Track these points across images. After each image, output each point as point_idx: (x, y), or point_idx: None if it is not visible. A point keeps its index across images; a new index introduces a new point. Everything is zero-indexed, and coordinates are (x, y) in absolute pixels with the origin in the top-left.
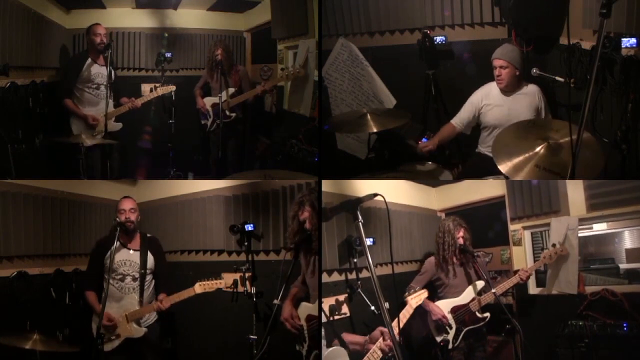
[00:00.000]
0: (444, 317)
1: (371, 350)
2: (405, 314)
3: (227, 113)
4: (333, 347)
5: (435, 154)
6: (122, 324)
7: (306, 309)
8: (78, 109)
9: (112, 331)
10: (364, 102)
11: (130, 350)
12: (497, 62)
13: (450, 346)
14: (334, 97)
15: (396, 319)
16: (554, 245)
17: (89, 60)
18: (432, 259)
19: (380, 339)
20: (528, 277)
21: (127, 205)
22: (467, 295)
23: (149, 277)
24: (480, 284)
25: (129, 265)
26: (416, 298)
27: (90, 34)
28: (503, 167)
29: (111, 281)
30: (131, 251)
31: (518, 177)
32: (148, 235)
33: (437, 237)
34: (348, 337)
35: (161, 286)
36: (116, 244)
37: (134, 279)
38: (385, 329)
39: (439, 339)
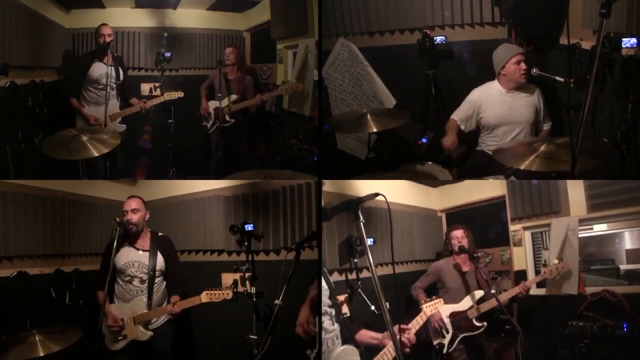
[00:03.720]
0: (441, 320)
1: (388, 346)
2: (419, 321)
3: (227, 118)
4: (345, 346)
5: (436, 154)
6: (129, 325)
7: None
8: (82, 108)
9: (119, 332)
10: (364, 102)
11: (135, 352)
12: (520, 57)
13: (445, 350)
14: (334, 97)
15: (398, 324)
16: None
17: (96, 60)
18: (439, 262)
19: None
20: (527, 291)
21: (129, 205)
22: (467, 302)
23: (158, 279)
24: (479, 293)
25: (137, 266)
26: (431, 306)
27: (96, 34)
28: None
29: (120, 282)
30: (140, 252)
31: (520, 165)
32: (160, 234)
33: (445, 244)
34: (367, 332)
35: (173, 288)
36: (116, 244)
37: (142, 281)
38: (403, 326)
39: (435, 342)
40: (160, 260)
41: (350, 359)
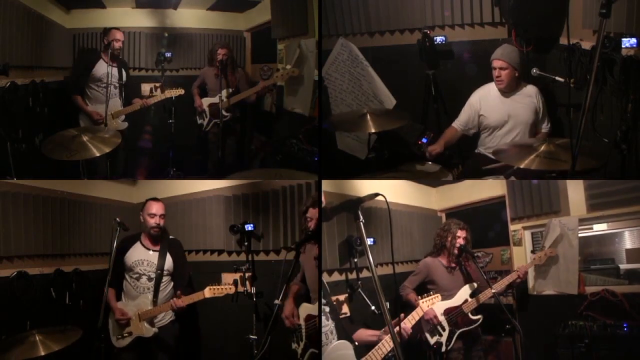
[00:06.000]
0: (436, 317)
1: (384, 339)
2: (415, 316)
3: (224, 113)
4: (339, 341)
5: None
6: (134, 322)
7: (306, 309)
8: (85, 105)
9: (124, 327)
10: (364, 102)
11: (141, 348)
12: (496, 63)
13: (443, 348)
14: (334, 97)
15: (397, 319)
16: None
17: (101, 60)
18: (427, 260)
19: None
20: (525, 275)
21: (159, 210)
22: (460, 297)
23: (166, 279)
24: (472, 286)
25: (146, 265)
26: (428, 302)
27: (110, 38)
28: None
29: (128, 279)
30: (150, 251)
31: (520, 164)
32: (171, 237)
33: (437, 236)
34: (365, 331)
35: (178, 287)
36: (115, 244)
37: (150, 279)
38: (394, 321)
39: (432, 341)
40: (169, 260)
41: (344, 353)
